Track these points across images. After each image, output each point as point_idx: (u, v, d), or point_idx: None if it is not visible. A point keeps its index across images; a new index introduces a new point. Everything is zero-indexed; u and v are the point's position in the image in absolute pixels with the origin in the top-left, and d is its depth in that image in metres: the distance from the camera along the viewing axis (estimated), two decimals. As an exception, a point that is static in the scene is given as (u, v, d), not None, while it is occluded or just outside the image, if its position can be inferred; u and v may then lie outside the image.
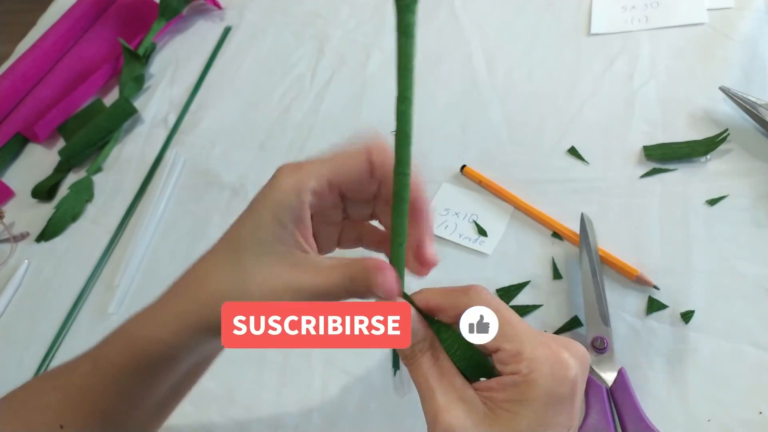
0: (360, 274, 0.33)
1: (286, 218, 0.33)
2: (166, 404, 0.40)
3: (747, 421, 0.41)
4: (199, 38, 0.83)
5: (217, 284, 0.34)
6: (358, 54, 0.73)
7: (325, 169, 0.33)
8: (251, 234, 0.33)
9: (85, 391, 0.37)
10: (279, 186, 0.33)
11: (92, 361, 0.37)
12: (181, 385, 0.39)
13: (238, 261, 0.33)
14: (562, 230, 0.51)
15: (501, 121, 0.61)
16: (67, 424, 0.37)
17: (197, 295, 0.34)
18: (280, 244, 0.33)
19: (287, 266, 0.33)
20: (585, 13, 0.67)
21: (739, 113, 0.54)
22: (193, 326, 0.34)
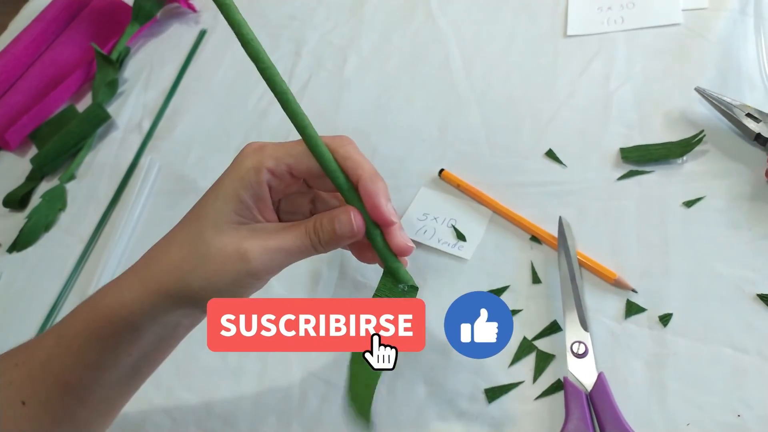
0: (324, 220, 0.36)
1: (246, 194, 0.35)
2: (129, 381, 0.41)
3: (726, 424, 0.41)
4: (174, 42, 0.82)
5: (178, 251, 0.36)
6: (335, 56, 0.72)
7: (287, 155, 0.36)
8: (212, 206, 0.36)
9: (48, 364, 0.37)
10: (241, 163, 0.36)
11: (56, 333, 0.38)
12: (144, 360, 0.40)
13: (199, 230, 0.36)
14: (540, 234, 0.51)
15: (479, 124, 0.61)
16: (28, 400, 0.37)
17: (159, 263, 0.36)
18: (237, 216, 0.35)
19: (247, 232, 0.35)
20: (561, 14, 0.67)
21: (715, 114, 0.54)
22: (155, 291, 0.35)
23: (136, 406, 0.50)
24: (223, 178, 0.37)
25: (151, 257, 0.37)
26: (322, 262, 0.55)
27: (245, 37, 0.35)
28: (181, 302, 0.36)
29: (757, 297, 0.45)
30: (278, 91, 0.36)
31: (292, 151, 0.36)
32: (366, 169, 0.36)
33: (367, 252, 0.40)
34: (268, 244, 0.35)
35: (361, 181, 0.36)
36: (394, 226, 0.37)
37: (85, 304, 0.38)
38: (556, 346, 0.46)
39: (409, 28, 0.72)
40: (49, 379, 0.37)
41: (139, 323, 0.36)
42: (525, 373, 0.46)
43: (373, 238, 0.37)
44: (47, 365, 0.37)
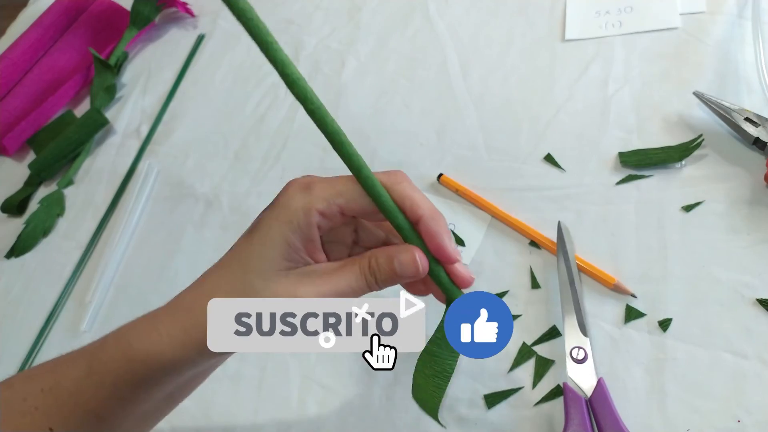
0: (381, 259, 0.34)
1: (295, 238, 0.33)
2: (162, 409, 0.40)
3: (726, 429, 0.41)
4: (172, 47, 0.82)
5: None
6: (332, 61, 0.72)
7: (337, 194, 0.34)
8: (259, 252, 0.34)
9: (78, 396, 0.36)
10: (287, 205, 0.33)
11: (87, 365, 0.36)
12: (178, 393, 0.39)
13: (246, 279, 0.33)
14: (539, 239, 0.51)
15: (476, 128, 0.61)
16: (56, 428, 0.36)
17: (205, 312, 0.33)
18: (286, 261, 0.33)
19: (296, 277, 0.34)
20: (559, 18, 0.67)
21: (713, 118, 0.54)
22: (199, 341, 0.33)
23: (134, 413, 0.50)
24: (268, 221, 0.34)
25: (195, 300, 0.35)
26: (321, 267, 0.55)
27: (291, 76, 0.32)
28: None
29: (756, 302, 0.45)
30: (330, 131, 0.33)
31: (343, 190, 0.34)
32: (426, 208, 0.34)
33: (419, 285, 0.38)
34: (321, 290, 0.34)
35: (422, 221, 0.34)
36: (458, 262, 0.35)
37: (119, 341, 0.36)
38: (556, 351, 0.46)
39: (406, 32, 0.72)
40: (79, 410, 0.36)
41: (178, 369, 0.35)
42: (524, 378, 0.46)
43: (437, 275, 0.36)
44: (77, 396, 0.36)
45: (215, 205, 0.63)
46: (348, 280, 0.34)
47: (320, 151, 0.64)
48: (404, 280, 0.35)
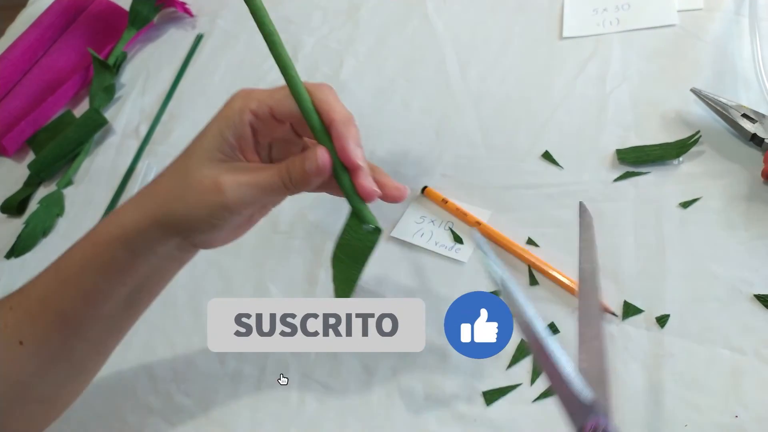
0: (296, 160, 0.38)
1: (228, 133, 0.38)
2: (123, 316, 0.43)
3: (723, 425, 0.41)
4: (171, 47, 0.82)
5: (167, 182, 0.40)
6: (331, 60, 0.72)
7: (269, 97, 0.38)
8: (199, 144, 0.39)
9: (46, 299, 0.40)
10: (228, 105, 0.39)
11: (54, 267, 0.41)
12: (138, 293, 0.42)
13: (185, 163, 0.39)
14: (522, 255, 0.51)
15: (475, 126, 0.61)
16: (26, 339, 0.39)
17: (152, 193, 0.40)
18: (219, 152, 0.38)
19: (225, 168, 0.38)
20: (557, 16, 0.67)
21: (711, 115, 0.54)
22: (149, 217, 0.38)
23: (134, 412, 0.51)
24: (212, 119, 0.40)
25: (146, 189, 0.40)
26: (320, 266, 0.55)
27: None
28: (170, 230, 0.39)
29: (754, 297, 0.45)
30: (266, 32, 0.38)
31: (275, 94, 0.38)
32: (339, 113, 0.38)
33: (334, 189, 0.41)
34: (241, 179, 0.38)
35: (334, 124, 0.37)
36: (361, 170, 0.38)
37: (84, 237, 0.40)
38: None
39: (405, 31, 0.72)
40: (48, 315, 0.39)
41: (136, 248, 0.39)
42: (522, 375, 0.46)
43: (340, 179, 0.38)
44: (45, 301, 0.39)
45: (214, 205, 0.63)
46: (266, 176, 0.38)
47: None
48: (312, 178, 0.38)
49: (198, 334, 0.54)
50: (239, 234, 0.43)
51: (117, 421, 0.50)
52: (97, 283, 0.39)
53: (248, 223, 0.43)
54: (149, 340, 0.54)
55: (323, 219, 0.58)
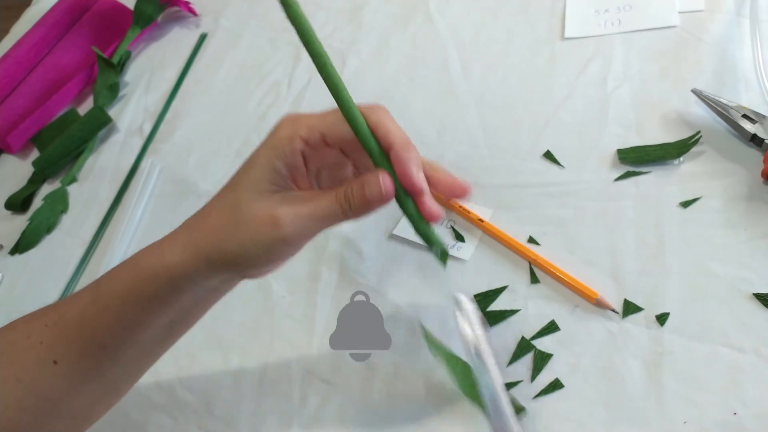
0: (355, 186, 0.36)
1: (279, 163, 0.37)
2: (162, 342, 0.42)
3: (723, 422, 0.41)
4: (175, 46, 0.82)
5: (216, 218, 0.37)
6: (334, 59, 0.71)
7: (320, 123, 0.37)
8: (247, 176, 0.37)
9: (82, 323, 0.38)
10: (276, 134, 0.37)
11: (92, 293, 0.39)
12: (179, 321, 0.41)
13: (235, 198, 0.37)
14: (527, 254, 0.51)
15: (477, 126, 0.61)
16: (60, 359, 0.38)
17: (200, 229, 0.38)
18: (271, 184, 0.37)
19: (280, 199, 0.37)
20: (559, 17, 0.67)
21: (711, 115, 0.54)
22: (195, 255, 0.37)
23: (138, 407, 0.51)
24: (259, 149, 0.38)
25: (192, 224, 0.39)
26: (322, 263, 0.56)
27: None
28: (219, 267, 0.37)
29: (753, 296, 0.45)
30: (314, 53, 0.36)
31: (326, 119, 0.37)
32: (398, 137, 0.37)
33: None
34: (299, 211, 0.36)
35: (393, 148, 0.36)
36: (425, 194, 0.37)
37: (124, 265, 0.39)
38: (555, 345, 0.47)
39: (407, 31, 0.73)
40: (83, 339, 0.38)
41: (180, 285, 0.37)
42: (523, 372, 0.46)
43: (403, 204, 0.38)
44: (81, 325, 0.38)
45: (217, 202, 0.64)
46: (325, 205, 0.37)
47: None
48: (374, 204, 0.37)
49: (201, 331, 0.54)
50: (287, 261, 0.41)
51: (120, 417, 0.51)
52: (137, 315, 0.38)
53: (298, 249, 0.41)
54: (153, 336, 0.54)
55: (326, 217, 0.59)
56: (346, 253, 0.55)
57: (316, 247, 0.57)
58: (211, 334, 0.54)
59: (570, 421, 0.43)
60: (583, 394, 0.44)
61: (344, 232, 0.57)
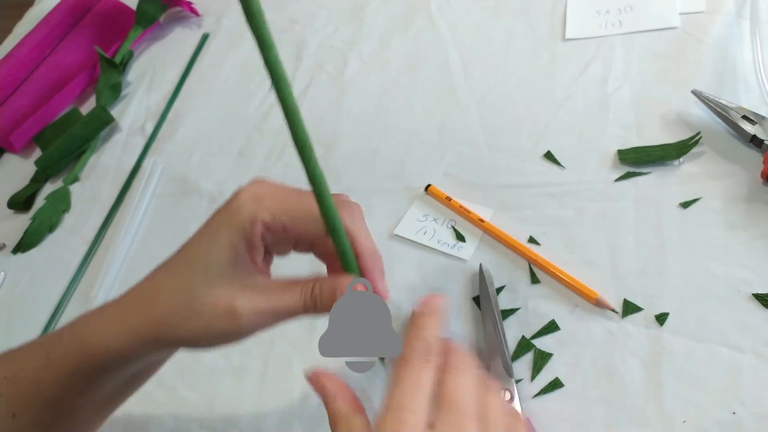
0: (325, 287, 0.35)
1: (240, 245, 0.34)
2: (118, 396, 0.42)
3: (721, 421, 0.41)
4: (177, 46, 0.83)
5: (168, 301, 0.35)
6: (335, 60, 0.73)
7: (284, 213, 0.35)
8: (205, 255, 0.35)
9: (38, 384, 0.38)
10: (237, 213, 0.35)
11: (45, 356, 0.38)
12: (132, 381, 0.41)
13: (190, 281, 0.35)
14: (525, 252, 0.51)
15: (478, 126, 0.62)
16: (19, 413, 0.38)
17: (150, 310, 0.35)
18: (231, 267, 0.35)
19: (239, 288, 0.35)
20: (560, 18, 0.67)
21: (711, 116, 0.55)
22: (145, 339, 0.35)
23: (140, 406, 0.51)
24: (217, 225, 0.35)
25: (141, 300, 0.36)
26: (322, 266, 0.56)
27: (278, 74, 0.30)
28: (168, 346, 0.37)
29: (752, 296, 0.46)
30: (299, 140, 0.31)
31: (291, 208, 0.35)
32: (367, 246, 0.36)
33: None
34: (259, 305, 0.35)
35: (361, 256, 0.36)
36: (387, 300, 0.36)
37: (72, 335, 0.37)
38: (555, 345, 0.47)
39: (409, 31, 0.73)
40: (40, 398, 0.38)
41: (128, 362, 0.37)
42: (523, 371, 0.46)
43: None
44: (37, 385, 0.38)
45: (219, 202, 0.63)
46: (288, 300, 0.35)
47: (323, 149, 0.65)
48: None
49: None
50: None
51: (122, 414, 0.50)
52: (87, 383, 0.37)
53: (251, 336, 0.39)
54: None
55: (327, 216, 0.59)
56: (347, 253, 0.56)
57: (317, 246, 0.57)
58: (213, 333, 0.54)
59: (570, 420, 0.44)
60: (583, 393, 0.44)
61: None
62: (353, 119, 0.67)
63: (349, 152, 0.64)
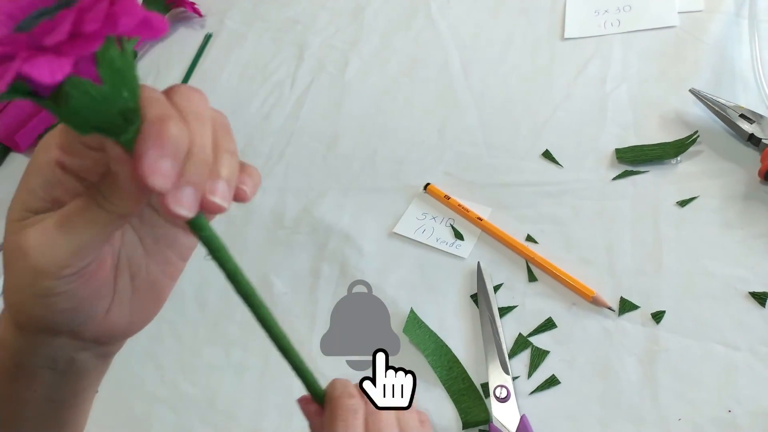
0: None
1: (35, 180, 0.28)
2: (57, 417, 0.35)
3: (717, 419, 0.42)
4: (180, 46, 0.83)
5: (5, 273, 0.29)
6: (337, 60, 0.73)
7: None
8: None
9: None
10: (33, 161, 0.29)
11: None
12: (60, 399, 0.34)
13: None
14: (524, 252, 0.52)
15: (477, 126, 0.62)
16: None
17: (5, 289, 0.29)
18: (24, 211, 0.28)
19: (26, 227, 0.27)
20: (559, 17, 0.68)
21: (709, 115, 0.55)
22: (10, 320, 0.30)
23: (141, 401, 0.52)
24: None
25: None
26: (323, 260, 0.56)
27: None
28: (30, 329, 0.30)
29: (748, 295, 0.46)
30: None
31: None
32: (152, 110, 0.24)
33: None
34: (43, 225, 0.27)
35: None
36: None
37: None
38: (551, 342, 0.47)
39: (409, 32, 0.73)
40: None
41: (19, 360, 0.31)
42: (520, 369, 0.47)
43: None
44: None
45: (221, 201, 0.65)
46: (71, 206, 0.27)
47: (324, 148, 0.65)
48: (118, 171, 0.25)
49: (204, 327, 0.55)
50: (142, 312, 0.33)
51: (124, 409, 0.51)
52: (8, 389, 0.32)
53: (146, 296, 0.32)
54: (156, 332, 0.55)
55: (327, 215, 0.59)
56: (347, 250, 0.56)
57: (316, 243, 0.58)
58: (214, 330, 0.55)
59: (566, 416, 0.44)
60: (579, 390, 0.45)
61: (345, 230, 0.57)
62: (354, 118, 0.67)
63: (349, 151, 0.64)
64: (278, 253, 0.58)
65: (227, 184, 0.26)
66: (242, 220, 0.61)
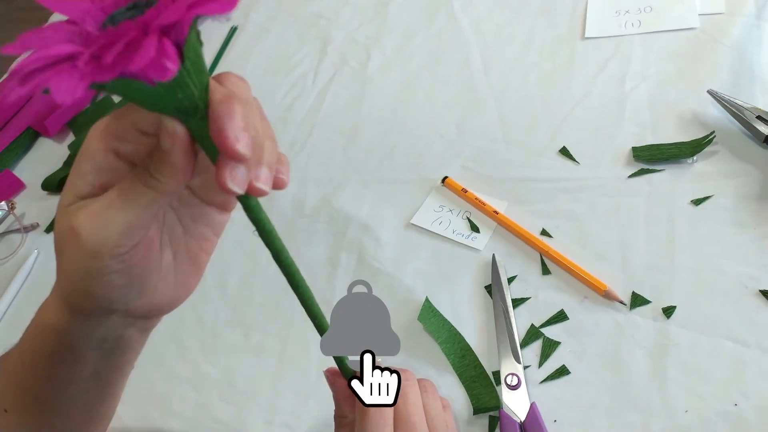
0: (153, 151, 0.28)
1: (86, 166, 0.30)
2: (99, 393, 0.37)
3: (723, 412, 0.43)
4: (206, 38, 0.85)
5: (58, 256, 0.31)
6: (359, 54, 0.75)
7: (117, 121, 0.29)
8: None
9: (17, 377, 0.36)
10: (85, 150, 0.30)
11: (19, 346, 0.36)
12: (105, 373, 0.36)
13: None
14: (538, 244, 0.53)
15: (496, 122, 0.63)
16: (9, 409, 0.37)
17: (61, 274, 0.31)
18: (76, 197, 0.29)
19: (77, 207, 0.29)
20: (580, 17, 0.68)
21: (726, 116, 0.56)
22: (67, 305, 0.31)
23: (163, 379, 0.54)
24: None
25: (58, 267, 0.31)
26: (341, 249, 0.58)
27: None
28: (85, 310, 0.31)
29: (759, 293, 0.46)
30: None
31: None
32: (220, 91, 0.26)
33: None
34: (93, 208, 0.28)
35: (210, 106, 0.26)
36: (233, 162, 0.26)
37: (32, 320, 0.35)
38: (563, 333, 0.48)
39: (431, 28, 0.74)
40: (20, 391, 0.36)
41: (70, 342, 0.33)
42: (531, 358, 0.48)
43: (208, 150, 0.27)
44: (15, 377, 0.36)
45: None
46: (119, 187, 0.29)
47: (344, 140, 0.67)
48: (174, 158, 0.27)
49: (224, 310, 0.57)
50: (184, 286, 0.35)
51: (145, 388, 0.53)
52: (53, 370, 0.34)
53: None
54: (179, 314, 0.56)
55: (346, 205, 0.61)
56: (365, 240, 0.57)
57: (335, 233, 0.59)
58: (234, 313, 0.56)
59: (575, 406, 0.45)
60: (589, 380, 0.46)
61: (363, 220, 0.59)
62: (375, 112, 0.68)
63: (369, 144, 0.66)
64: (298, 241, 0.60)
65: (269, 169, 0.28)
66: (264, 207, 0.62)
